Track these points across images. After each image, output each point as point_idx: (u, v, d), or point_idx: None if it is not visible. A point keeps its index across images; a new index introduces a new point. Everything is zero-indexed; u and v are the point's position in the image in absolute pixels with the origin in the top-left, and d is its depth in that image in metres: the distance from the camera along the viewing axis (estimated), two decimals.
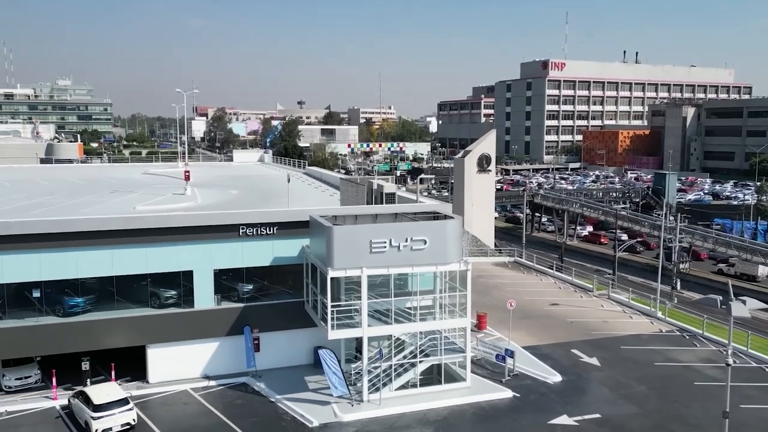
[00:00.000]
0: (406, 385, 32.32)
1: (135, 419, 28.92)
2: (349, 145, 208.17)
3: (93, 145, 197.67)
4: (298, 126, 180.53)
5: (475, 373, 34.39)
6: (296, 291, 35.71)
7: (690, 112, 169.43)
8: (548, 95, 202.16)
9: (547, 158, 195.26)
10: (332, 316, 30.52)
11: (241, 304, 35.00)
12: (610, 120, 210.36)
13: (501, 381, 34.21)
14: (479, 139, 70.43)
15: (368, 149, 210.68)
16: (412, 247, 30.98)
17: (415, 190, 43.94)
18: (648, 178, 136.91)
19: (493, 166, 68.71)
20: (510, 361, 35.11)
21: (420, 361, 32.56)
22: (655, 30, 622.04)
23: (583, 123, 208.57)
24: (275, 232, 34.57)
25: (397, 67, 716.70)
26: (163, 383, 33.58)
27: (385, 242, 30.67)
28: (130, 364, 34.50)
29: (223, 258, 34.26)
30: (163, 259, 33.19)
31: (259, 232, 34.36)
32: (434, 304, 33.47)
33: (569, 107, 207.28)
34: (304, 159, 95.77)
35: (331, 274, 30.39)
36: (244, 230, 34.17)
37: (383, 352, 31.97)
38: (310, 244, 34.38)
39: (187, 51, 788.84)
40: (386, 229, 31.67)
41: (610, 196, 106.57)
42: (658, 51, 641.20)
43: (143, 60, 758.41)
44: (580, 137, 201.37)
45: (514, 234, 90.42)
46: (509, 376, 34.75)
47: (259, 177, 63.89)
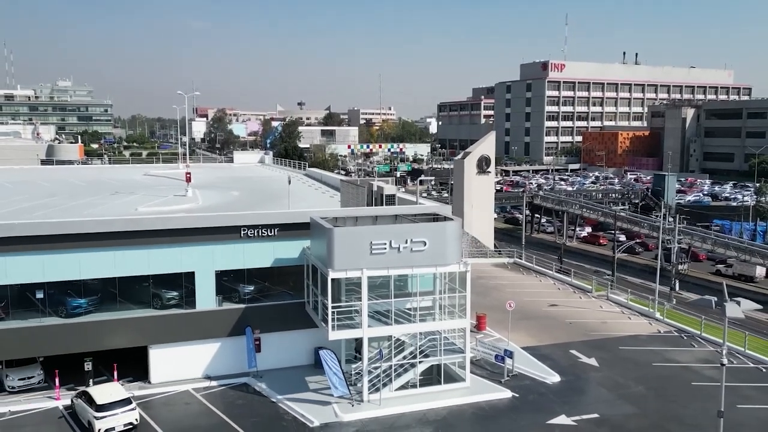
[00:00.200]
0: (406, 386, 32.58)
1: (137, 419, 29.18)
2: (349, 146, 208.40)
3: (93, 146, 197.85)
4: (298, 127, 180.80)
5: (474, 374, 34.63)
6: (297, 292, 35.98)
7: (689, 113, 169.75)
8: (548, 96, 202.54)
9: (546, 159, 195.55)
10: (333, 317, 30.78)
11: (243, 305, 35.27)
12: (610, 121, 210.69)
13: (500, 381, 34.46)
14: (479, 141, 70.71)
15: (368, 150, 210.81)
16: (411, 249, 31.24)
17: (414, 192, 44.20)
18: (647, 179, 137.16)
19: (492, 168, 68.99)
20: (509, 361, 35.35)
21: (420, 362, 32.81)
22: (655, 31, 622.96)
23: (583, 124, 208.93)
24: (276, 234, 34.84)
25: (397, 68, 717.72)
26: (165, 383, 33.85)
27: (385, 244, 30.93)
28: (132, 365, 34.77)
29: (224, 259, 34.53)
30: (165, 260, 33.46)
31: (260, 234, 34.64)
32: (434, 305, 33.69)
33: (569, 108, 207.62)
34: (304, 160, 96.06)
35: (332, 275, 30.66)
36: (246, 232, 34.44)
37: (383, 352, 32.24)
38: (310, 245, 34.64)
39: (187, 52, 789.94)
40: (386, 231, 31.93)
41: (609, 198, 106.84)
42: (657, 52, 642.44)
43: (143, 61, 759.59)
44: (579, 138, 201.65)
45: (513, 235, 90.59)
46: (508, 376, 35.00)
47: (259, 178, 64.15)
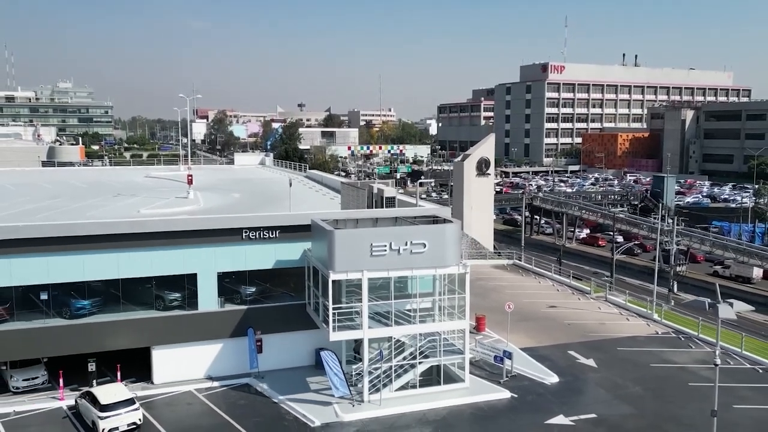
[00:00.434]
0: (406, 386, 32.91)
1: (141, 419, 29.50)
2: (349, 148, 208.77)
3: (94, 148, 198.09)
4: (298, 129, 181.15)
5: (473, 374, 34.94)
6: (298, 293, 36.31)
7: (689, 114, 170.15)
8: (548, 98, 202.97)
9: (546, 161, 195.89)
10: (333, 318, 31.11)
11: (244, 307, 35.61)
12: (610, 123, 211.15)
13: (499, 382, 34.77)
14: (478, 143, 71.06)
15: (368, 152, 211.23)
16: (411, 251, 31.59)
17: (414, 193, 44.51)
18: (647, 180, 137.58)
19: (492, 170, 69.35)
20: (508, 362, 35.65)
21: (419, 363, 33.13)
22: (655, 33, 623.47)
23: (583, 126, 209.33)
24: (277, 236, 35.19)
25: (397, 70, 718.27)
26: (167, 384, 34.19)
27: (386, 246, 31.27)
28: (135, 366, 35.07)
29: (226, 261, 34.87)
30: (167, 262, 33.80)
31: (261, 236, 34.98)
32: (433, 307, 33.98)
33: (568, 110, 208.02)
34: (304, 162, 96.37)
35: (333, 276, 31.01)
36: (247, 234, 34.79)
37: (383, 353, 32.58)
38: (311, 247, 34.99)
39: (187, 53, 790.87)
40: (386, 233, 32.27)
41: (608, 199, 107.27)
42: (657, 54, 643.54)
43: (143, 62, 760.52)
44: (579, 140, 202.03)
45: (513, 236, 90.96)
46: (507, 377, 35.31)
47: (260, 180, 64.48)
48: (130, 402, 29.48)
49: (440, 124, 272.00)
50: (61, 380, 32.60)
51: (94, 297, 33.83)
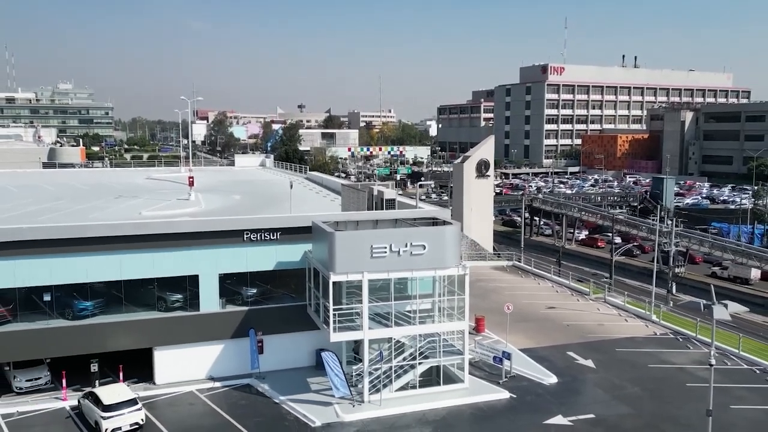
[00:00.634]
0: (405, 387, 33.19)
1: (143, 419, 29.78)
2: (349, 149, 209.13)
3: (94, 149, 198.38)
4: (298, 130, 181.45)
5: (473, 375, 35.19)
6: (299, 295, 36.60)
7: (688, 116, 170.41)
8: (547, 99, 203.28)
9: (546, 162, 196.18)
10: (334, 319, 31.39)
11: (246, 308, 35.88)
12: (609, 124, 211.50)
13: (498, 382, 35.02)
14: (478, 145, 71.37)
15: (368, 153, 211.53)
16: (411, 252, 31.86)
17: (414, 195, 44.79)
18: (646, 182, 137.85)
19: (491, 172, 69.66)
20: (507, 363, 35.91)
21: (419, 363, 33.41)
22: (654, 34, 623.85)
23: (582, 127, 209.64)
24: (278, 238, 35.46)
25: (397, 71, 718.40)
26: (169, 384, 34.46)
27: (386, 247, 31.53)
28: (137, 366, 35.34)
29: (227, 262, 35.15)
30: (169, 263, 34.07)
31: (262, 238, 35.25)
32: (433, 308, 34.24)
33: (568, 111, 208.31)
34: (304, 163, 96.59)
35: (333, 278, 31.29)
36: (249, 235, 35.06)
37: (383, 354, 32.86)
38: (312, 249, 35.25)
39: (187, 54, 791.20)
40: (386, 235, 32.54)
41: (608, 200, 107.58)
42: (657, 55, 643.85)
43: (144, 63, 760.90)
44: (579, 141, 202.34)
45: (512, 238, 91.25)
46: (506, 377, 35.57)
47: (260, 182, 64.74)
48: (132, 402, 29.74)
49: (440, 126, 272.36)
50: (64, 381, 32.87)
51: (97, 298, 34.13)
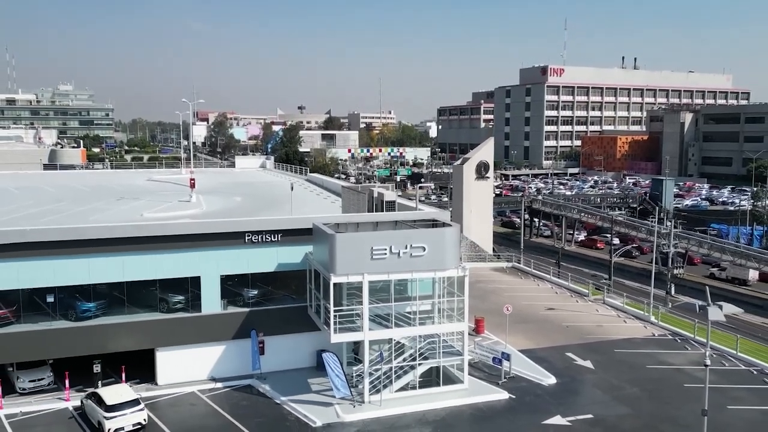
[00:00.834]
0: (405, 387, 33.43)
1: (146, 419, 30.03)
2: (349, 150, 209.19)
3: (95, 151, 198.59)
4: (299, 131, 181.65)
5: (472, 376, 35.42)
6: (300, 296, 36.88)
7: (688, 117, 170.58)
8: (547, 101, 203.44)
9: (546, 163, 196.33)
10: (335, 321, 31.64)
11: (247, 309, 36.13)
12: (609, 125, 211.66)
13: (497, 383, 35.26)
14: (478, 147, 71.56)
15: (368, 154, 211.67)
16: (411, 254, 32.10)
17: (414, 196, 45.05)
18: (646, 183, 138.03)
19: (491, 173, 69.87)
20: (506, 363, 36.16)
21: (419, 364, 33.66)
22: (654, 36, 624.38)
23: (582, 128, 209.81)
24: (279, 239, 35.73)
25: (397, 72, 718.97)
26: (171, 385, 34.72)
27: (386, 249, 31.78)
28: (139, 367, 35.59)
29: (229, 264, 35.42)
30: (171, 265, 34.34)
31: (263, 239, 35.51)
32: (433, 309, 34.47)
33: (568, 113, 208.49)
34: (305, 165, 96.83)
35: (334, 279, 31.55)
36: (250, 237, 35.31)
37: (384, 355, 33.11)
38: (313, 250, 35.48)
39: (187, 55, 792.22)
40: (387, 237, 32.82)
41: (608, 202, 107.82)
42: (656, 57, 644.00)
43: (144, 64, 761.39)
44: (578, 143, 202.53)
45: (512, 239, 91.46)
46: (505, 378, 35.81)
47: (261, 184, 64.94)
48: (135, 402, 30.00)
49: (440, 127, 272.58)
50: (66, 381, 33.10)
51: (99, 299, 34.40)
